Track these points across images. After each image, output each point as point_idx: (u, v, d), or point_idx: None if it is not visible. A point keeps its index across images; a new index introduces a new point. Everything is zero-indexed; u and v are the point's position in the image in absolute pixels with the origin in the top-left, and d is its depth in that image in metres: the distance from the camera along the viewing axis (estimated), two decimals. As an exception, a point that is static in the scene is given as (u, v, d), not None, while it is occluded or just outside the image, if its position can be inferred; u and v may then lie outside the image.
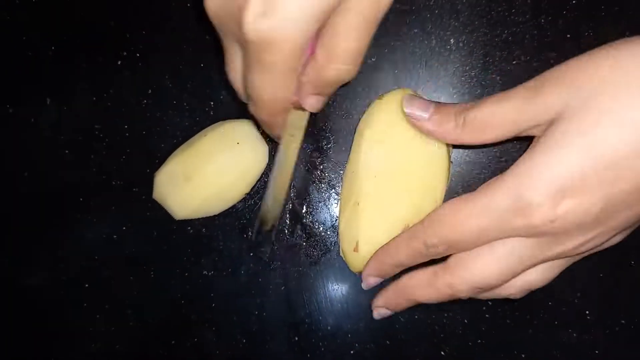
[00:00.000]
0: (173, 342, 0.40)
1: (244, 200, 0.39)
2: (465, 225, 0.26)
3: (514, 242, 0.26)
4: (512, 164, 0.25)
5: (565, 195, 0.23)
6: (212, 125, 0.38)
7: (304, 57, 0.25)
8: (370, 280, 0.32)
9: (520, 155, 0.25)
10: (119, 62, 0.39)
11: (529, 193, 0.24)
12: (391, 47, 0.37)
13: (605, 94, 0.23)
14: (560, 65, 0.25)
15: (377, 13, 0.24)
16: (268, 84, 0.25)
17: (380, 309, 0.33)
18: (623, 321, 0.37)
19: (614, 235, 0.26)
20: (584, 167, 0.23)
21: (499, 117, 0.26)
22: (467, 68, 0.37)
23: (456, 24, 0.36)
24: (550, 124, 0.24)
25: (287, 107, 0.27)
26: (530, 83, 0.25)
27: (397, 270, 0.31)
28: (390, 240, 0.31)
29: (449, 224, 0.26)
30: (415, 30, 0.37)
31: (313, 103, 0.28)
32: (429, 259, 0.29)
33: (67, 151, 0.40)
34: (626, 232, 0.27)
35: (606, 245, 0.27)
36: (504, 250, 0.26)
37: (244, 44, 0.23)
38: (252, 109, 0.28)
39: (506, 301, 0.37)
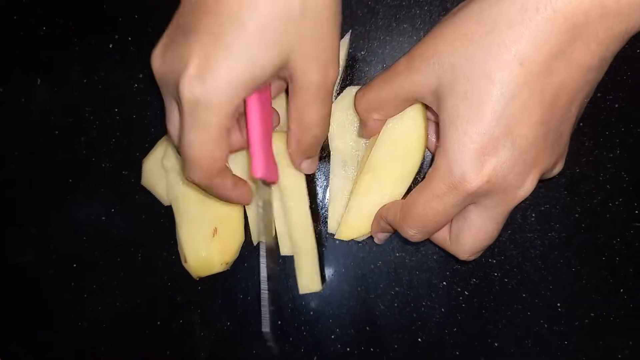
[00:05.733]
0: (158, 322, 0.41)
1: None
2: (428, 213, 0.29)
3: (474, 208, 0.29)
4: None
5: (485, 156, 0.26)
6: (202, 112, 0.39)
7: (234, 119, 0.28)
8: (379, 236, 0.36)
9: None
10: (111, 45, 0.39)
11: (456, 169, 0.26)
12: (381, 41, 0.38)
13: (466, 59, 0.25)
14: (424, 40, 0.28)
15: (328, 84, 0.28)
16: (201, 143, 0.27)
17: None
18: (592, 314, 0.38)
19: (553, 165, 0.28)
20: (484, 128, 0.25)
21: (384, 95, 0.30)
22: (454, 65, 0.37)
23: (444, 21, 0.37)
24: (437, 95, 0.27)
25: (221, 169, 0.29)
26: (402, 61, 0.29)
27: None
28: (382, 209, 0.33)
29: (415, 215, 0.29)
30: (405, 26, 0.37)
31: (307, 167, 0.34)
32: None
33: (57, 132, 0.40)
34: (558, 156, 0.29)
35: (554, 172, 0.30)
36: (475, 217, 0.29)
37: (180, 103, 0.26)
38: (186, 172, 0.29)
39: (481, 292, 0.39)
